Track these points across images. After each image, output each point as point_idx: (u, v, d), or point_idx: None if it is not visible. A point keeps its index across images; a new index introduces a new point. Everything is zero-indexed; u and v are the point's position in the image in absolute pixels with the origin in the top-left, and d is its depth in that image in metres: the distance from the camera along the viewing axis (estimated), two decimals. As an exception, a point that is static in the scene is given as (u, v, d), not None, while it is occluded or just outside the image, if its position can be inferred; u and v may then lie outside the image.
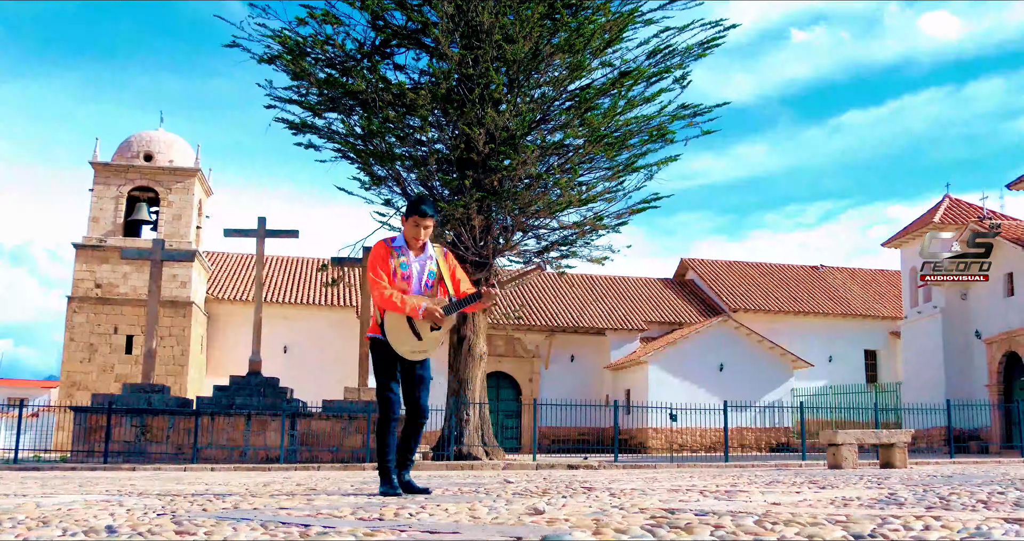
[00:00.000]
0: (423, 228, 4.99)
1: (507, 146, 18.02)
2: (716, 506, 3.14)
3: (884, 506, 3.11)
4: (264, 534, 2.21)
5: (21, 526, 2.41)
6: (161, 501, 3.75)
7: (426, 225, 4.99)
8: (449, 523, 2.44)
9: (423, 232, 5.00)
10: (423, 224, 4.98)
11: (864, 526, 2.29)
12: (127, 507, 3.22)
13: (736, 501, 3.52)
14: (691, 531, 2.21)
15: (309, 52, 18.68)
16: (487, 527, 2.31)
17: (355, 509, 3.10)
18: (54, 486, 6.54)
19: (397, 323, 4.89)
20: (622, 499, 3.77)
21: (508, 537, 2.04)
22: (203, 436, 18.37)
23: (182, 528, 2.33)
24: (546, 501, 3.56)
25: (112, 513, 2.92)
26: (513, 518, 2.66)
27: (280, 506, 3.30)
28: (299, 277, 33.31)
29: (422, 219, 4.98)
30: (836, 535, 2.10)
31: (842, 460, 9.98)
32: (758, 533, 2.15)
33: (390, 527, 2.30)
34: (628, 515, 2.72)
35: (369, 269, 4.95)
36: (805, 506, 3.17)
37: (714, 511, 2.88)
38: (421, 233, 4.99)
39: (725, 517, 2.60)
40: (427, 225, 4.99)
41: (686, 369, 29.13)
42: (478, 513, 2.89)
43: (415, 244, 5.01)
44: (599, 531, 2.21)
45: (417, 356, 4.93)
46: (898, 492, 4.08)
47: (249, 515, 2.79)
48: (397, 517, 2.75)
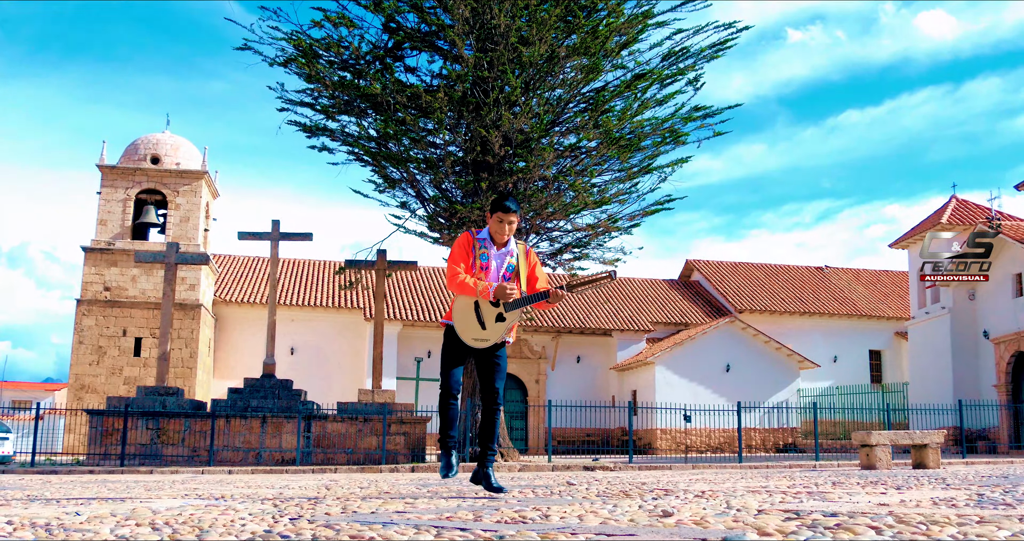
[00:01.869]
0: (507, 224, 5.06)
1: (523, 148, 18.07)
2: (830, 507, 3.18)
3: (994, 507, 3.16)
4: (434, 537, 2.24)
5: (183, 530, 2.44)
6: (265, 505, 3.77)
7: (510, 221, 5.06)
8: (608, 525, 2.47)
9: (507, 227, 5.07)
10: (507, 219, 5.05)
11: (1015, 525, 2.33)
12: (246, 511, 3.24)
13: (838, 502, 3.56)
14: (854, 531, 2.24)
15: (323, 55, 18.70)
16: (659, 529, 2.35)
17: (473, 513, 3.14)
18: (120, 490, 6.55)
19: (465, 310, 4.99)
20: (718, 501, 3.81)
21: (689, 538, 2.08)
22: (219, 439, 18.36)
23: (346, 531, 2.36)
24: (651, 504, 3.59)
25: (242, 518, 2.94)
26: (647, 519, 2.69)
27: (393, 509, 3.32)
28: (307, 279, 33.31)
29: (505, 215, 5.05)
30: (1003, 535, 2.14)
31: (876, 460, 10.01)
32: (926, 533, 2.19)
33: (554, 529, 2.34)
34: (758, 517, 2.76)
35: (449, 259, 5.03)
36: (913, 507, 3.21)
37: (837, 512, 2.92)
38: (505, 229, 5.07)
39: (859, 517, 2.64)
40: (511, 221, 5.06)
41: (693, 370, 29.19)
42: (602, 514, 2.92)
43: (499, 239, 5.10)
44: (765, 532, 2.25)
45: (479, 344, 4.99)
46: (984, 493, 4.12)
47: (380, 519, 2.82)
48: (531, 520, 2.78)
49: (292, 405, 19.07)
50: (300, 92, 19.13)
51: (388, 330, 28.77)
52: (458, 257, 5.01)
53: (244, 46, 18.86)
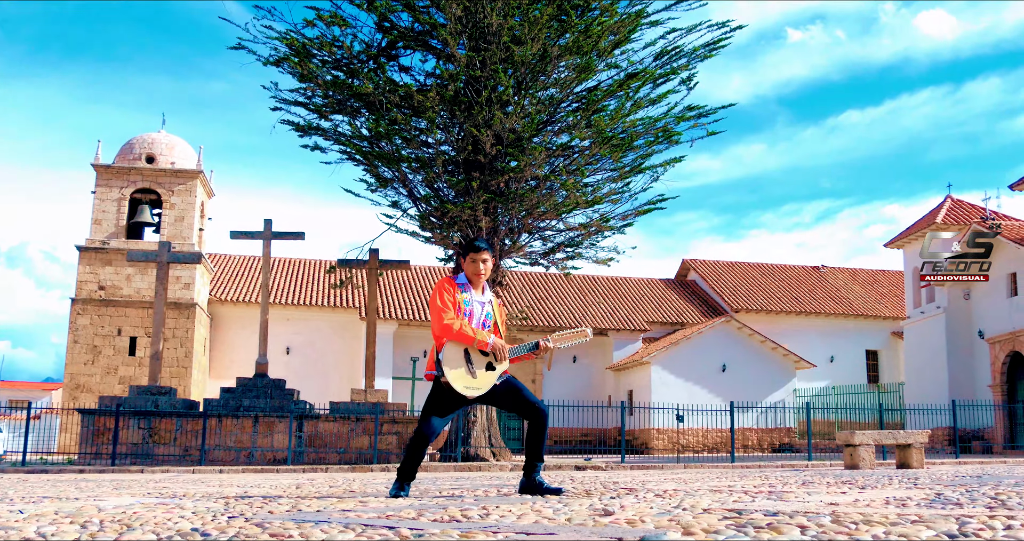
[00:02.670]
0: (481, 262, 5.11)
1: (514, 148, 18.05)
2: (777, 506, 3.16)
3: (943, 506, 3.14)
4: (356, 536, 2.22)
5: (110, 529, 2.42)
6: (217, 504, 3.75)
7: (483, 259, 5.11)
8: (535, 525, 2.45)
9: (482, 266, 5.12)
10: (480, 258, 5.11)
11: (947, 525, 2.31)
12: (191, 510, 3.23)
13: (791, 501, 3.54)
14: (779, 531, 2.22)
15: (316, 54, 18.68)
16: (581, 528, 2.33)
17: (417, 511, 3.12)
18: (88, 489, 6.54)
19: (455, 358, 4.91)
20: (674, 500, 3.79)
21: (608, 537, 2.06)
22: (210, 438, 18.35)
23: (270, 530, 2.34)
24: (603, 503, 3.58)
25: (183, 516, 2.93)
26: (585, 518, 2.67)
27: (341, 508, 3.31)
28: (302, 278, 33.30)
29: (477, 254, 5.11)
30: (926, 535, 2.12)
31: (859, 460, 9.99)
32: (850, 533, 2.17)
33: (479, 528, 2.32)
34: (698, 516, 2.74)
35: (434, 299, 4.98)
36: (863, 506, 3.19)
37: (781, 511, 2.90)
38: (480, 267, 5.11)
39: (798, 517, 2.62)
40: (484, 259, 5.12)
41: (689, 370, 29.16)
42: (545, 514, 2.90)
43: (477, 281, 5.13)
44: (689, 531, 2.23)
45: (470, 393, 4.92)
46: (944, 493, 4.10)
47: (320, 518, 2.81)
48: (468, 518, 2.77)
49: (284, 404, 19.06)
50: (293, 91, 19.14)
51: (384, 330, 28.76)
52: (447, 302, 4.97)
53: (238, 45, 18.87)
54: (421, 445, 4.91)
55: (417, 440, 4.92)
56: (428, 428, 4.88)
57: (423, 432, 4.88)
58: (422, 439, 4.90)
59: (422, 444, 4.91)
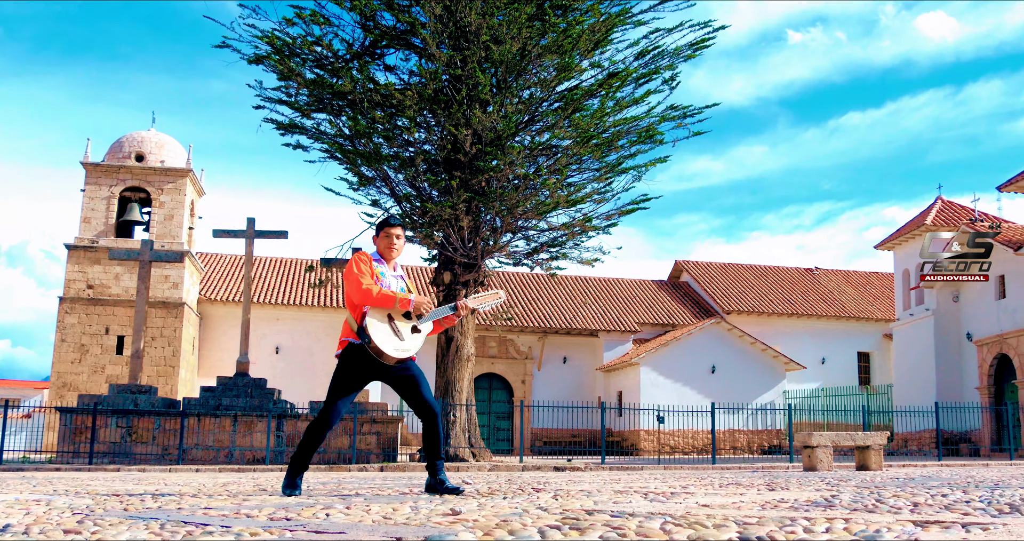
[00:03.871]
0: (395, 237, 5.18)
1: (494, 147, 18.00)
2: (641, 507, 3.12)
3: (810, 508, 3.09)
4: (151, 534, 2.18)
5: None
6: (94, 501, 3.72)
7: (396, 234, 5.18)
8: (346, 523, 2.41)
9: (396, 240, 5.18)
10: (394, 233, 5.17)
11: (764, 528, 2.26)
12: (50, 507, 3.19)
13: (669, 503, 3.49)
14: (584, 532, 2.18)
15: (298, 53, 18.65)
16: (375, 527, 2.28)
17: (277, 509, 3.08)
18: (6, 487, 6.50)
19: (380, 323, 4.91)
20: (559, 501, 3.75)
21: (390, 537, 2.02)
22: (189, 437, 18.33)
23: (74, 528, 2.30)
24: (478, 503, 3.54)
25: (28, 512, 2.89)
26: (424, 519, 2.63)
27: (206, 506, 3.27)
28: (291, 278, 33.25)
29: (392, 228, 5.18)
30: (726, 536, 2.08)
31: (817, 462, 9.92)
32: (649, 535, 2.13)
33: (284, 527, 2.28)
34: (542, 517, 2.69)
35: (350, 269, 5.00)
36: (732, 508, 3.14)
37: (633, 513, 2.85)
38: (394, 242, 5.18)
39: (636, 518, 2.58)
40: (397, 234, 5.18)
41: (678, 371, 29.07)
42: (397, 514, 2.86)
43: (389, 255, 5.18)
44: (491, 532, 2.19)
45: (401, 353, 4.92)
46: (841, 495, 4.05)
47: (160, 515, 2.77)
48: (312, 517, 2.72)
49: (263, 403, 19.04)
50: (276, 89, 19.11)
51: (372, 329, 28.68)
52: (366, 272, 4.99)
53: (223, 44, 18.87)
54: (321, 431, 4.89)
55: (318, 426, 4.89)
56: (334, 412, 4.86)
57: (327, 418, 4.86)
58: (324, 425, 4.87)
59: (323, 430, 4.89)
